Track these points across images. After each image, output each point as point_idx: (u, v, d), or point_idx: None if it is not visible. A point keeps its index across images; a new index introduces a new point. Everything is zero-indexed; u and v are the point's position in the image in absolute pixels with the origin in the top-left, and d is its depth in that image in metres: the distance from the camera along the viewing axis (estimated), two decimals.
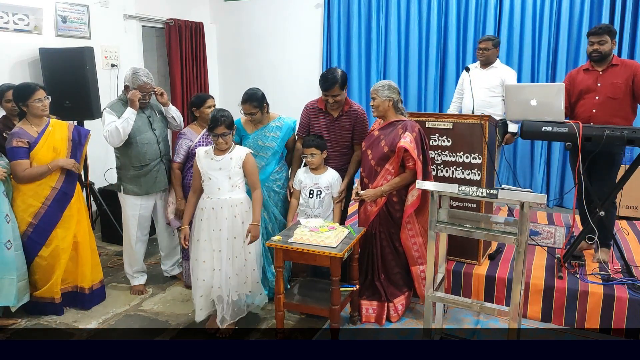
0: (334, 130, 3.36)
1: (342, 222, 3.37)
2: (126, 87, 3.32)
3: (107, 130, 3.22)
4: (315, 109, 3.43)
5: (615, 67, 3.29)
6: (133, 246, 3.49)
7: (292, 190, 3.41)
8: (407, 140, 2.91)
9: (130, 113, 3.23)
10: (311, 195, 3.29)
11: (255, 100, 3.18)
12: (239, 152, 2.94)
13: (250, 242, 2.90)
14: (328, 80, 3.20)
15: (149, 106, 3.46)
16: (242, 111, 3.24)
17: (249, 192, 3.04)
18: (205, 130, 3.38)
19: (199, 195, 3.01)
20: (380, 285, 3.12)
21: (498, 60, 4.39)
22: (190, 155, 3.37)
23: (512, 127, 4.27)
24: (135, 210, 3.44)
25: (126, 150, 3.34)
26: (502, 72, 4.32)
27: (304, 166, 3.39)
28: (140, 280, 3.61)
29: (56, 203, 3.13)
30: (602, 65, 3.32)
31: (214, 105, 3.48)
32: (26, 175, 3.03)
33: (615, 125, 3.07)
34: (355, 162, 3.40)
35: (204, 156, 2.95)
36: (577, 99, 3.41)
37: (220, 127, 2.83)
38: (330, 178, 3.29)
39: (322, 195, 3.27)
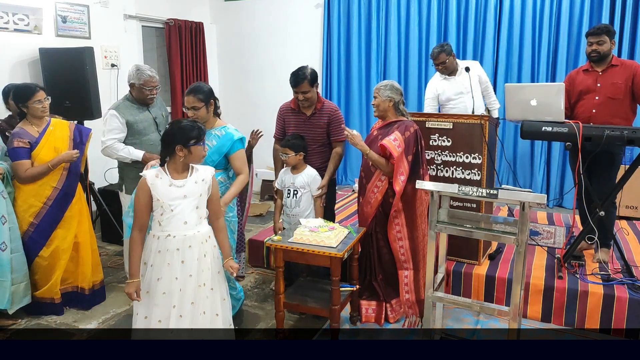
0: (309, 128, 3.37)
1: (328, 219, 3.33)
2: (132, 85, 3.34)
3: (107, 143, 3.25)
4: (289, 109, 3.46)
5: (615, 67, 3.29)
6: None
7: (275, 190, 3.41)
8: (389, 139, 2.92)
9: (136, 157, 3.27)
10: (289, 195, 3.28)
11: (201, 93, 2.79)
12: (204, 174, 2.38)
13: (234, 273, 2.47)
14: (297, 76, 3.24)
15: (155, 106, 3.47)
16: (184, 106, 2.85)
17: None
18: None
19: (144, 235, 2.37)
20: (377, 286, 3.12)
21: (457, 61, 4.25)
22: None
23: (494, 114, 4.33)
24: None
25: None
26: (473, 70, 4.18)
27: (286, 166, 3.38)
28: None
29: (57, 203, 3.14)
30: (601, 66, 3.32)
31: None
32: (28, 175, 3.03)
33: (614, 125, 3.08)
34: (334, 159, 3.39)
35: (159, 183, 2.29)
36: (576, 100, 3.41)
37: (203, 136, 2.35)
38: (306, 177, 3.25)
39: (298, 195, 3.25)
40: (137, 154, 3.28)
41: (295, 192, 3.26)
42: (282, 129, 3.48)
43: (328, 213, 3.44)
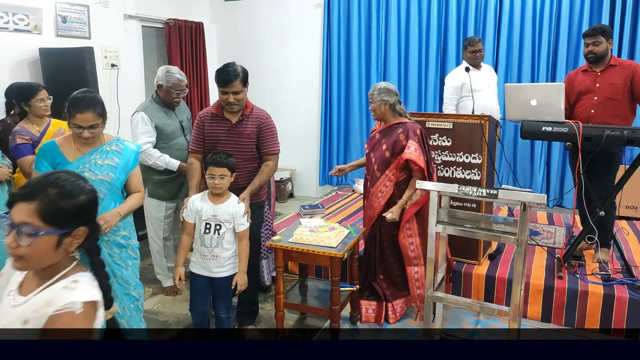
0: (234, 138, 2.79)
1: (253, 248, 2.80)
2: (159, 87, 3.29)
3: (143, 148, 3.11)
4: (210, 115, 2.85)
5: (614, 67, 3.29)
6: (158, 246, 3.47)
7: (182, 223, 2.70)
8: (411, 151, 2.91)
9: (172, 167, 3.24)
10: (207, 231, 2.61)
11: (99, 105, 2.28)
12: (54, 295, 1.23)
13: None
14: (229, 73, 2.69)
15: (179, 109, 3.40)
16: (73, 124, 2.25)
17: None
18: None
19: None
20: (378, 286, 3.13)
21: None
22: None
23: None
24: (160, 212, 3.39)
25: None
26: (490, 68, 4.32)
27: (201, 192, 2.74)
28: (171, 281, 3.50)
29: None
30: (600, 66, 3.32)
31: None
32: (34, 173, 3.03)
33: (614, 125, 3.08)
34: (263, 173, 2.81)
35: None
36: (575, 100, 3.41)
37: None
38: (231, 209, 2.62)
39: (221, 231, 2.61)
40: (174, 163, 3.24)
41: (218, 227, 2.61)
42: (202, 141, 2.86)
43: (252, 238, 2.76)
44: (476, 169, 3.26)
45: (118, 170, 2.35)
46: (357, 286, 3.02)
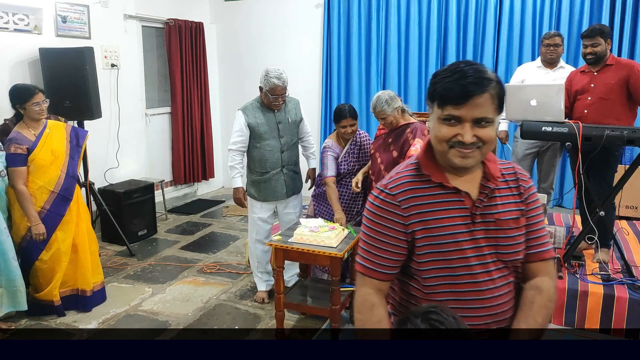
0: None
1: None
2: (260, 88, 3.22)
3: (231, 147, 3.24)
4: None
5: (610, 67, 3.26)
6: (251, 246, 3.46)
7: None
8: (416, 148, 2.91)
9: (233, 183, 3.28)
10: None
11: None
12: None
13: None
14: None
15: (283, 111, 3.30)
16: None
17: None
18: (348, 145, 3.29)
19: None
20: None
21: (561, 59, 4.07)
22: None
23: (503, 126, 4.22)
24: (255, 212, 3.37)
25: (250, 153, 3.30)
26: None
27: None
28: (261, 286, 3.45)
29: (55, 207, 3.12)
30: (597, 66, 3.31)
31: (351, 125, 3.24)
32: (19, 192, 3.00)
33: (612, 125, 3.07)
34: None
35: None
36: (573, 101, 3.41)
37: None
38: None
39: None
40: (235, 182, 3.26)
41: None
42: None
43: None
44: None
45: None
46: None
